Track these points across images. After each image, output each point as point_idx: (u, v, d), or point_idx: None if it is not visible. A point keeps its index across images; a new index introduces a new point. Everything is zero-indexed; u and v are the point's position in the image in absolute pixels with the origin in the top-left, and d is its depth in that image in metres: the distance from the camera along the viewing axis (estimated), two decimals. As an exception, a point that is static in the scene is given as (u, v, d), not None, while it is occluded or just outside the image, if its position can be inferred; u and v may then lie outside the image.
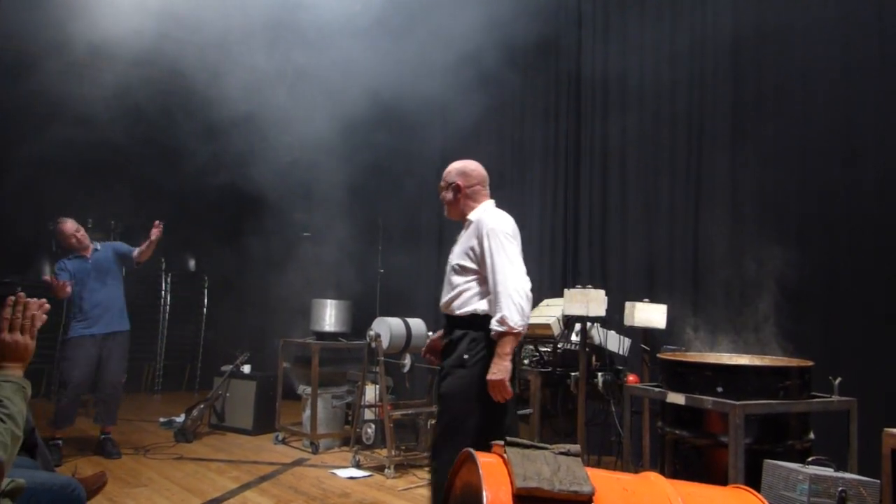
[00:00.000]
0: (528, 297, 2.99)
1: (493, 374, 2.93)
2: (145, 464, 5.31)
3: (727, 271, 4.77)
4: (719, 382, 3.07)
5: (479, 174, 3.32)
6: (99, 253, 5.61)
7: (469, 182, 3.28)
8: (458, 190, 3.28)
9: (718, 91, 5.18)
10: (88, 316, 5.45)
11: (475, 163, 3.35)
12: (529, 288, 3.02)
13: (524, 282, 3.01)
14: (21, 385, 1.79)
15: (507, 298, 2.94)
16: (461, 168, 3.32)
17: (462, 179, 3.28)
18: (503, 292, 2.95)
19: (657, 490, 2.02)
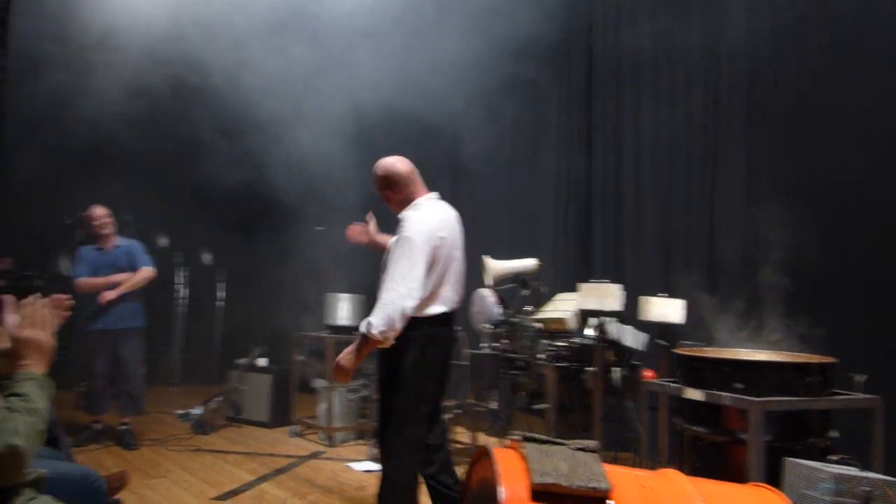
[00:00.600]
0: (402, 314, 2.93)
1: (340, 357, 3.05)
2: (164, 455, 5.36)
3: (746, 265, 4.72)
4: (738, 378, 3.03)
5: (404, 173, 3.27)
6: (119, 249, 5.67)
7: (397, 184, 3.26)
8: (389, 198, 3.31)
9: (735, 80, 5.11)
10: (101, 310, 5.54)
11: (397, 160, 3.30)
12: (411, 306, 2.96)
13: (407, 299, 2.94)
14: (43, 383, 1.81)
15: (382, 308, 2.93)
16: (384, 171, 3.28)
17: (388, 183, 3.27)
18: (382, 301, 2.95)
19: (676, 487, 2.00)
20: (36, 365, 1.82)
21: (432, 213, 3.20)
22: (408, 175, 3.28)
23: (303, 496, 4.43)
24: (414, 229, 3.05)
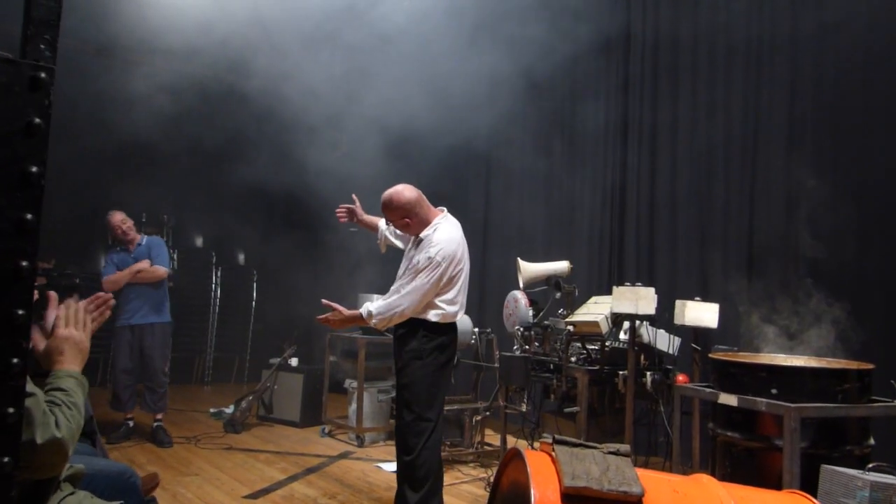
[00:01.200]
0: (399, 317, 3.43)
1: (336, 314, 3.53)
2: (196, 453, 5.42)
3: (785, 269, 4.64)
4: (774, 384, 2.97)
5: (413, 200, 3.51)
6: (142, 247, 5.77)
7: (412, 210, 3.51)
8: (407, 225, 3.57)
9: (776, 81, 5.01)
10: (126, 308, 5.66)
11: (403, 190, 3.52)
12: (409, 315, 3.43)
13: (409, 309, 3.40)
14: (81, 381, 1.84)
15: (389, 307, 3.40)
16: (397, 204, 3.51)
17: (403, 213, 3.52)
18: (395, 302, 3.40)
19: (709, 493, 1.96)
20: (74, 362, 1.86)
21: (452, 235, 3.54)
22: (417, 200, 3.54)
23: (332, 496, 4.44)
24: (442, 255, 3.42)
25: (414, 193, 3.53)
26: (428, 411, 3.45)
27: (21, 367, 1.05)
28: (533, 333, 4.74)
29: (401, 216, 3.53)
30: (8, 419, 1.04)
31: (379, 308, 3.42)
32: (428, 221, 3.56)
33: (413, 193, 3.52)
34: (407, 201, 3.50)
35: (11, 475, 1.04)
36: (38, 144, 1.06)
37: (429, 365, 3.47)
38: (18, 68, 1.05)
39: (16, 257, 1.05)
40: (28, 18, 1.06)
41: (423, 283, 3.38)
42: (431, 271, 3.39)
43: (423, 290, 3.39)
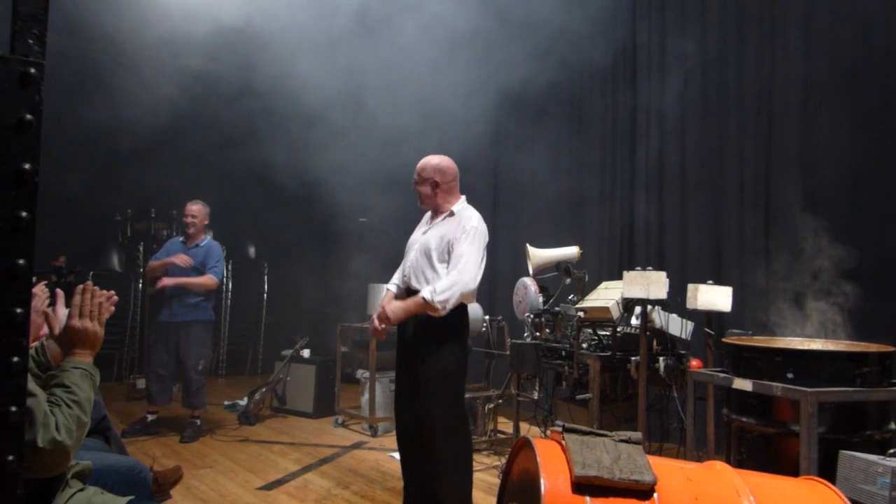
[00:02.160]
0: (464, 294, 3.31)
1: (390, 309, 3.38)
2: (211, 445, 5.44)
3: (800, 251, 4.58)
4: (790, 368, 2.93)
5: (453, 171, 3.60)
6: (200, 248, 5.78)
7: (445, 178, 3.55)
8: (435, 185, 3.54)
9: (790, 53, 4.92)
10: (167, 303, 5.70)
11: (449, 159, 3.60)
12: (473, 290, 3.37)
13: (472, 283, 3.34)
14: (90, 372, 1.83)
15: (454, 287, 3.27)
16: (437, 165, 3.56)
17: (439, 176, 3.54)
18: (457, 281, 3.28)
19: (723, 480, 1.94)
20: (84, 354, 1.85)
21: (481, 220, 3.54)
22: (454, 174, 3.61)
23: (346, 486, 4.45)
24: (481, 229, 3.45)
25: (455, 169, 3.61)
26: (461, 396, 3.48)
27: (22, 365, 1.05)
28: (544, 320, 4.72)
29: (431, 176, 3.53)
30: (10, 417, 1.03)
31: (442, 287, 3.27)
32: (451, 200, 3.58)
33: (455, 168, 3.60)
34: (447, 167, 3.57)
35: (17, 473, 1.03)
36: (31, 141, 1.04)
37: (458, 350, 3.44)
38: (7, 65, 1.03)
39: (13, 256, 1.04)
40: (15, 13, 1.04)
41: (475, 252, 3.36)
42: (476, 239, 3.39)
43: (477, 259, 3.36)
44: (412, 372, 3.50)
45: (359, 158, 7.12)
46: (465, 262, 3.32)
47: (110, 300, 1.96)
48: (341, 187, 7.51)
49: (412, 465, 3.61)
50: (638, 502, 1.81)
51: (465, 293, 3.30)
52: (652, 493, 1.82)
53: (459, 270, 3.30)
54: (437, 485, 3.42)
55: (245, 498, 4.17)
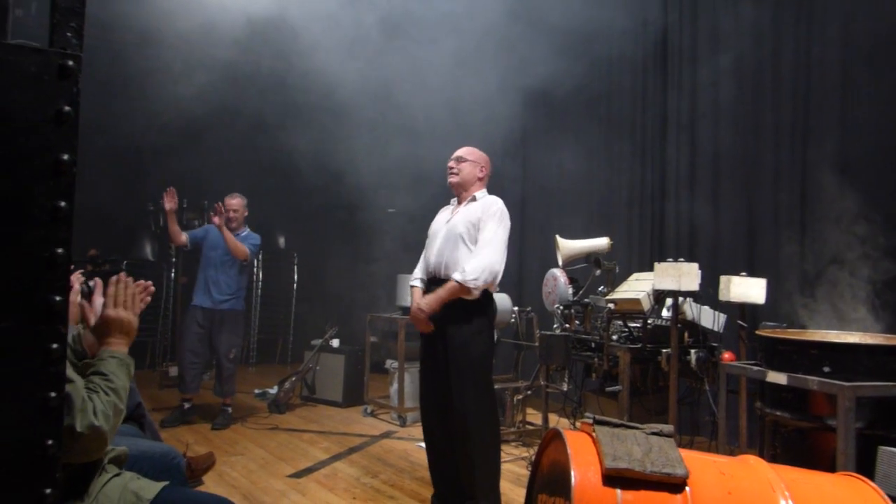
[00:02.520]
0: (495, 276, 3.40)
1: (425, 305, 3.41)
2: (241, 433, 5.51)
3: (836, 241, 4.49)
4: (826, 362, 2.88)
5: (486, 160, 3.78)
6: (239, 237, 5.84)
7: (488, 169, 3.77)
8: (481, 171, 3.71)
9: (827, 38, 4.81)
10: (201, 288, 5.80)
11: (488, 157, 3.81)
12: (500, 271, 3.44)
13: (501, 264, 3.43)
14: (125, 361, 1.85)
15: (489, 265, 3.35)
16: (484, 156, 3.77)
17: (484, 162, 3.74)
18: (489, 260, 3.36)
19: (757, 474, 1.91)
20: (119, 343, 1.88)
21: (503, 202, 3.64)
22: (487, 163, 3.78)
23: (375, 475, 4.48)
24: (506, 212, 3.55)
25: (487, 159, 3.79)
26: (490, 385, 3.51)
27: (60, 352, 1.06)
28: (573, 312, 4.69)
29: (480, 162, 3.71)
30: (50, 403, 1.05)
31: (472, 268, 3.33)
32: (480, 188, 3.71)
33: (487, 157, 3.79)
34: (487, 160, 3.77)
35: (56, 457, 1.05)
36: (69, 132, 1.06)
37: (486, 339, 3.50)
38: (46, 57, 1.04)
39: (51, 245, 1.05)
40: (54, 6, 1.06)
41: (502, 233, 3.45)
42: (502, 220, 3.48)
43: (504, 241, 3.45)
44: (440, 362, 3.51)
45: (387, 149, 7.12)
46: (494, 243, 3.40)
47: (146, 290, 1.98)
48: (370, 178, 7.54)
49: (439, 454, 3.62)
50: (669, 496, 1.80)
51: (494, 273, 3.36)
52: (684, 487, 1.80)
53: (488, 251, 3.37)
54: (466, 473, 3.44)
55: (275, 485, 4.22)
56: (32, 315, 1.03)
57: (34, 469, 1.03)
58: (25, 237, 1.02)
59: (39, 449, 1.03)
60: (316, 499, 4.00)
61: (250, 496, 3.99)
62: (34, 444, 1.03)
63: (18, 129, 1.02)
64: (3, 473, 1.01)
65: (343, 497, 4.03)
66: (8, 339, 1.01)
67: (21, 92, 1.02)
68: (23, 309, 1.02)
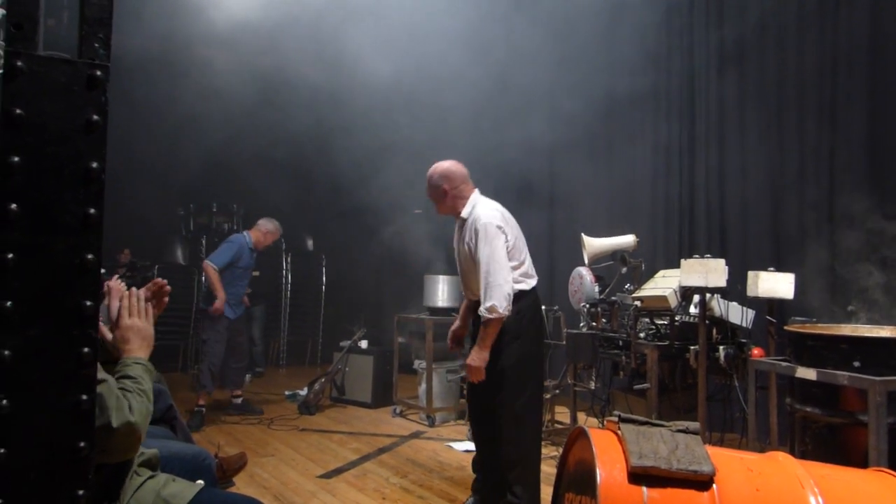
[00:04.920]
0: (511, 291, 3.35)
1: (472, 360, 3.38)
2: (272, 434, 5.57)
3: (865, 235, 4.41)
4: (857, 356, 2.84)
5: (460, 174, 3.62)
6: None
7: (453, 184, 3.59)
8: (444, 194, 3.59)
9: (854, 30, 4.73)
10: (230, 302, 6.00)
11: (453, 163, 3.64)
12: (513, 283, 3.39)
13: (506, 283, 3.33)
14: (147, 367, 1.90)
15: (496, 288, 3.30)
16: (443, 172, 3.60)
17: (447, 183, 3.58)
18: (493, 283, 3.31)
19: (786, 471, 1.89)
20: (140, 350, 1.92)
21: (491, 207, 3.56)
22: (463, 175, 3.63)
23: (404, 475, 4.50)
24: (487, 222, 3.41)
25: (462, 171, 3.63)
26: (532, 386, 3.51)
27: (91, 356, 1.09)
28: (600, 310, 4.67)
29: (439, 184, 3.59)
30: (82, 406, 1.08)
31: (487, 302, 3.31)
32: (462, 202, 3.60)
33: (461, 170, 3.63)
34: (453, 172, 3.60)
35: (89, 459, 1.08)
36: (98, 141, 1.09)
37: (527, 343, 3.49)
38: (76, 68, 1.07)
39: (82, 251, 1.08)
40: (82, 18, 1.09)
41: (488, 250, 3.35)
42: (486, 235, 3.37)
43: (496, 254, 3.34)
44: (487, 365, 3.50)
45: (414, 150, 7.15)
46: (489, 265, 3.34)
47: (163, 290, 2.03)
48: (396, 179, 7.57)
49: (484, 451, 3.69)
50: (696, 493, 1.79)
51: (503, 292, 3.30)
52: (711, 484, 1.79)
53: (488, 277, 3.34)
54: (505, 470, 3.47)
55: (305, 486, 4.26)
56: (64, 320, 1.06)
57: (67, 471, 1.05)
58: (57, 244, 1.05)
59: (72, 451, 1.05)
60: (346, 499, 4.03)
61: (281, 496, 4.04)
62: (67, 446, 1.05)
63: (49, 138, 1.05)
64: (37, 475, 1.03)
65: (373, 497, 4.06)
66: (41, 344, 1.04)
67: (51, 102, 1.05)
68: (55, 314, 1.05)
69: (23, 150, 1.03)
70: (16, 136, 1.02)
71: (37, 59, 1.04)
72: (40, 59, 1.04)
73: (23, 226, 1.03)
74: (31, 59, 1.03)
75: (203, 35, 6.58)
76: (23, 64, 1.03)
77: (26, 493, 1.03)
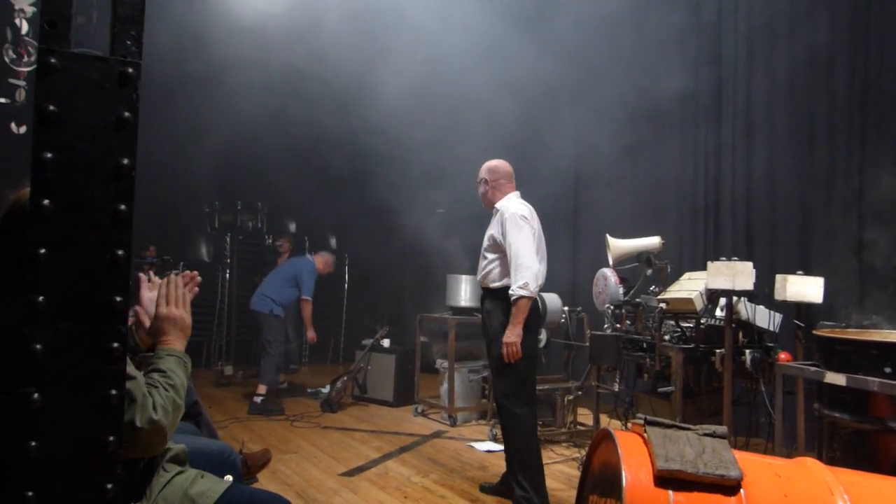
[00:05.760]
0: (538, 274, 3.68)
1: (508, 337, 3.64)
2: (295, 432, 5.60)
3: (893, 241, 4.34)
4: (888, 362, 2.79)
5: (504, 170, 4.02)
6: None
7: (495, 177, 4.00)
8: (486, 183, 4.01)
9: (887, 29, 4.65)
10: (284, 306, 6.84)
11: (502, 161, 4.06)
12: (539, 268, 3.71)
13: (536, 264, 3.67)
14: (183, 359, 1.89)
15: (525, 270, 3.61)
16: (489, 166, 4.04)
17: (489, 175, 4.01)
18: (522, 264, 3.63)
19: (815, 477, 1.86)
20: (176, 341, 1.92)
21: (520, 203, 3.91)
22: (507, 172, 4.03)
23: (425, 474, 4.51)
24: (517, 212, 3.76)
25: (507, 168, 4.03)
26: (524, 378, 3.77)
27: (121, 351, 1.10)
28: (624, 311, 4.64)
29: (483, 176, 4.03)
30: (111, 401, 1.08)
31: (516, 282, 3.61)
32: (499, 197, 3.97)
33: (506, 167, 4.03)
34: (496, 167, 4.02)
35: (117, 453, 1.09)
36: (129, 137, 1.09)
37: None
38: (108, 65, 1.08)
39: (112, 247, 1.08)
40: (114, 16, 1.09)
41: (520, 236, 3.67)
42: (515, 222, 3.71)
43: (527, 240, 3.67)
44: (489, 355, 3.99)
45: (438, 149, 7.15)
46: (519, 249, 3.66)
47: (193, 280, 2.02)
48: (420, 178, 7.58)
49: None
50: (723, 498, 1.76)
51: (533, 272, 3.61)
52: (738, 489, 1.77)
53: (519, 259, 3.65)
54: (508, 458, 3.83)
55: (328, 483, 4.28)
56: (94, 315, 1.06)
57: (96, 464, 1.06)
58: (87, 240, 1.06)
59: (101, 445, 1.06)
60: (368, 497, 4.04)
61: (304, 493, 4.06)
62: (96, 440, 1.06)
63: (81, 134, 1.06)
64: (67, 469, 1.04)
65: (394, 496, 4.06)
66: (71, 339, 1.05)
67: (84, 99, 1.06)
68: (85, 309, 1.06)
69: (55, 146, 1.04)
70: (49, 133, 1.03)
71: (70, 57, 1.05)
72: (73, 56, 1.05)
73: (55, 221, 1.04)
74: (64, 57, 1.04)
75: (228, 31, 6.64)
76: (56, 61, 1.04)
77: (56, 487, 1.04)
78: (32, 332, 1.02)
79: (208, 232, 9.10)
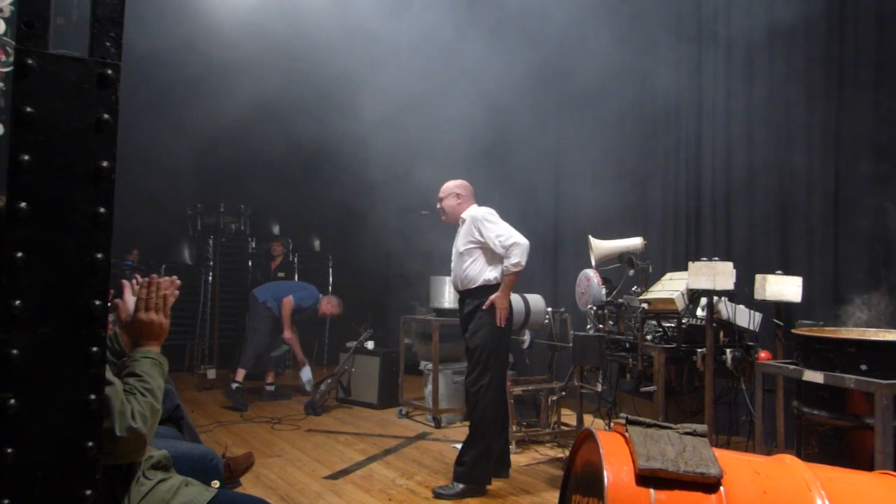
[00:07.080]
0: (526, 242, 4.15)
1: (499, 301, 4.15)
2: (278, 435, 5.58)
3: (872, 238, 4.40)
4: (863, 360, 2.83)
5: (469, 186, 4.52)
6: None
7: (466, 192, 4.48)
8: (457, 197, 4.45)
9: (860, 36, 4.72)
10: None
11: (464, 181, 4.53)
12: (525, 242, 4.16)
13: (521, 238, 4.13)
14: (158, 361, 1.89)
15: (515, 247, 4.10)
16: (457, 183, 4.50)
17: (462, 190, 4.47)
18: (515, 242, 4.10)
19: (793, 474, 1.88)
20: (152, 344, 1.92)
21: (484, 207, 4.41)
22: (471, 189, 4.52)
23: (410, 476, 4.50)
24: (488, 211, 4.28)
25: (470, 186, 4.51)
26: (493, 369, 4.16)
27: (100, 355, 1.09)
28: (607, 312, 4.66)
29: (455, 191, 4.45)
30: (90, 406, 1.08)
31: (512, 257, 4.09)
32: (467, 206, 4.44)
33: (469, 186, 4.51)
34: (466, 185, 4.49)
35: (96, 459, 1.08)
36: (108, 140, 1.09)
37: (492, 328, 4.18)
38: (86, 66, 1.07)
39: (92, 250, 1.08)
40: (94, 17, 1.09)
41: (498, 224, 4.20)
42: (490, 219, 4.21)
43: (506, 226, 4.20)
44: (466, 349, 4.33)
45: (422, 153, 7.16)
46: (504, 231, 4.14)
47: (173, 285, 2.02)
48: (404, 182, 7.58)
49: None
50: (704, 496, 1.78)
51: (522, 246, 4.09)
52: (718, 487, 1.79)
53: (507, 237, 4.11)
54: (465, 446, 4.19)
55: (312, 486, 4.27)
56: (73, 319, 1.06)
57: (75, 471, 1.05)
58: (66, 243, 1.05)
59: (80, 451, 1.05)
60: (352, 500, 4.03)
61: (287, 497, 4.04)
62: (75, 445, 1.05)
63: (59, 136, 1.05)
64: (45, 475, 1.03)
65: (379, 498, 4.06)
66: (49, 343, 1.04)
67: (62, 100, 1.05)
68: (64, 313, 1.05)
69: (33, 148, 1.03)
70: (26, 135, 1.02)
71: (48, 58, 1.04)
72: (51, 57, 1.04)
73: (32, 224, 1.03)
74: (42, 58, 1.04)
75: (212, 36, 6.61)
76: (33, 62, 1.03)
77: (34, 493, 1.03)
78: (9, 337, 1.01)
79: (191, 234, 9.05)
